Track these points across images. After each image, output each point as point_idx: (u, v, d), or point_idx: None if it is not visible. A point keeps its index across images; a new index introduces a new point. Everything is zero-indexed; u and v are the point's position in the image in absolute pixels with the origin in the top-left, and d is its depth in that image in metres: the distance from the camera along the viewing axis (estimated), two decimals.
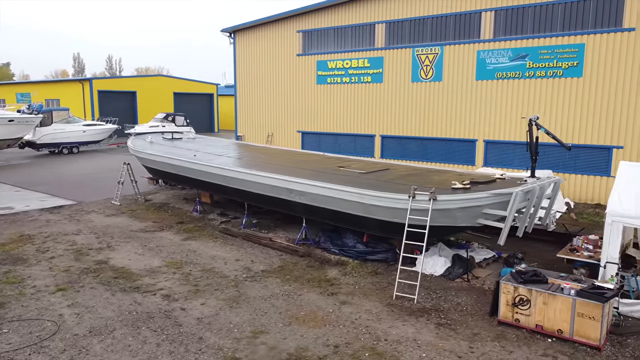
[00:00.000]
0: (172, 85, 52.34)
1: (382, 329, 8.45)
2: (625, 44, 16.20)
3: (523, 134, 18.41)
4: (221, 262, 11.93)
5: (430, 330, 8.44)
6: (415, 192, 10.30)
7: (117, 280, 10.65)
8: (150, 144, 19.36)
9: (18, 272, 11.14)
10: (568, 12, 17.23)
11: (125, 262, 11.87)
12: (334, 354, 7.62)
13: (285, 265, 11.73)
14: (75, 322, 8.64)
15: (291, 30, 24.87)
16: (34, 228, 14.93)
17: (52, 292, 9.96)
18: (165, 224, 15.52)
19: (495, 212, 10.06)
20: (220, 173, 14.57)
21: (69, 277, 10.85)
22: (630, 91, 16.28)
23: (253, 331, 8.34)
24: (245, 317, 8.89)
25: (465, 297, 9.87)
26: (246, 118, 27.62)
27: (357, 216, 11.61)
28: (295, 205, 13.02)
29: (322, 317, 8.88)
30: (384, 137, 22.22)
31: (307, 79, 24.58)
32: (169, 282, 10.60)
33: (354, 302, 9.62)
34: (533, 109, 18.15)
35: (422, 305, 9.48)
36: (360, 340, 8.05)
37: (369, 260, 11.96)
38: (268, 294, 9.94)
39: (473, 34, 19.33)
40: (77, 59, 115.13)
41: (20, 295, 9.79)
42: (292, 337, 8.14)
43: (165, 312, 9.05)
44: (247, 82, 27.23)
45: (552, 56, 17.58)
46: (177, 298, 9.72)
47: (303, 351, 7.70)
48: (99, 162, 30.12)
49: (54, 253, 12.53)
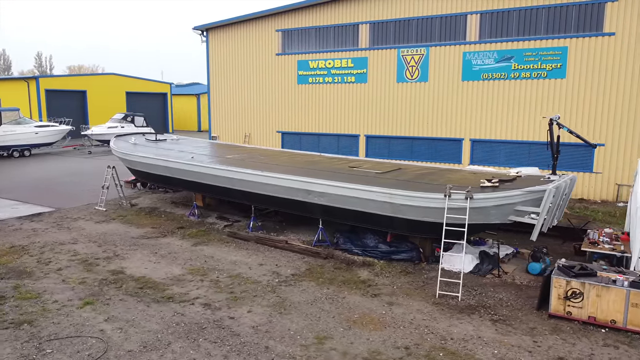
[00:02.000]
0: (124, 85, 50.20)
1: (442, 328, 8.49)
2: (605, 48, 17.20)
3: (509, 133, 19.19)
4: (245, 267, 11.56)
5: (488, 327, 8.58)
6: (451, 191, 10.43)
7: (145, 291, 10.06)
8: (135, 145, 18.45)
9: (29, 286, 10.28)
10: (552, 16, 18.07)
11: (143, 271, 11.25)
12: (407, 356, 7.57)
13: (313, 268, 11.54)
14: (122, 338, 8.08)
15: (269, 29, 24.51)
16: (22, 238, 13.84)
17: (80, 307, 9.27)
18: (165, 229, 14.85)
19: (528, 209, 10.37)
20: (227, 175, 14.12)
21: (89, 289, 10.13)
22: (610, 92, 17.30)
23: (317, 337, 8.14)
24: (301, 323, 8.66)
25: (504, 292, 10.11)
26: (221, 118, 26.94)
27: (384, 216, 11.61)
28: (312, 206, 12.84)
29: (378, 320, 8.81)
30: (369, 136, 22.37)
31: (287, 78, 24.31)
32: (201, 290, 10.15)
33: (401, 302, 9.61)
34: (518, 109, 18.90)
35: (467, 303, 9.61)
36: (427, 341, 8.05)
37: (394, 260, 11.99)
38: (311, 298, 9.74)
39: (459, 36, 19.85)
40: (3, 56, 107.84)
41: (45, 312, 9.04)
42: (358, 342, 8.01)
43: (214, 322, 8.65)
44: (221, 82, 26.56)
45: (537, 58, 18.38)
46: (218, 307, 9.32)
47: (377, 355, 7.60)
48: (56, 165, 28.34)
49: (59, 264, 11.67)
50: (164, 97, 54.96)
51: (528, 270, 11.16)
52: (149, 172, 16.76)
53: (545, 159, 18.79)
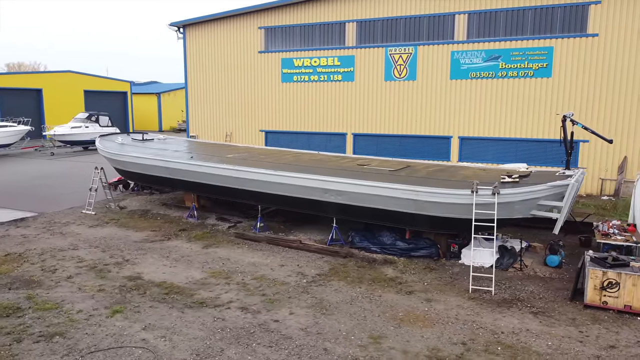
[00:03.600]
0: (82, 83, 48.09)
1: (489, 322, 8.58)
2: (590, 48, 17.96)
3: (497, 130, 19.70)
4: (267, 269, 11.28)
5: (531, 319, 8.74)
6: (478, 187, 10.57)
7: (172, 297, 9.62)
8: (124, 146, 17.66)
9: (43, 296, 9.62)
10: (538, 17, 18.68)
11: (162, 276, 10.76)
12: (467, 352, 7.59)
13: (336, 267, 11.40)
14: (169, 347, 7.68)
15: (252, 26, 24.09)
16: (14, 245, 12.95)
17: (109, 315, 8.74)
18: (167, 232, 14.28)
19: (551, 203, 10.65)
20: (235, 175, 13.74)
21: (111, 297, 9.59)
22: (594, 90, 18.08)
23: (370, 337, 8.03)
24: (348, 323, 8.52)
25: (532, 285, 10.34)
26: (200, 117, 26.23)
27: (405, 213, 11.62)
28: (328, 205, 12.69)
29: (423, 317, 8.79)
30: (357, 135, 22.40)
31: (270, 76, 23.97)
32: (231, 293, 9.81)
33: (438, 298, 9.64)
34: (506, 107, 19.43)
35: (501, 297, 9.76)
36: (479, 335, 8.10)
37: (413, 257, 12.04)
38: (348, 298, 9.61)
39: (447, 35, 20.19)
40: None
41: (73, 322, 8.47)
42: (414, 340, 7.96)
43: (260, 326, 8.38)
44: (200, 80, 25.87)
45: (524, 58, 18.96)
46: (257, 310, 9.03)
47: (437, 352, 7.57)
48: (21, 168, 26.74)
49: (67, 272, 10.99)
50: (124, 96, 53.07)
51: (546, 262, 11.47)
52: (143, 173, 16.05)
53: (531, 155, 19.43)
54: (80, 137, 34.89)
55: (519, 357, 7.42)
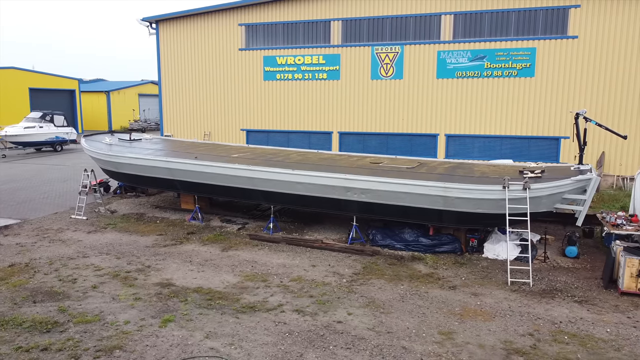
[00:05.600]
0: (26, 80, 45.10)
1: (543, 313, 8.86)
2: (570, 49, 18.93)
3: (482, 128, 20.37)
4: (300, 270, 11.08)
5: (578, 308, 9.11)
6: (509, 183, 10.89)
7: (218, 302, 9.25)
8: (113, 146, 16.73)
9: (77, 308, 8.96)
10: (522, 19, 19.47)
11: (195, 282, 10.31)
12: (538, 342, 7.81)
13: (368, 266, 11.37)
14: (243, 354, 7.38)
15: (231, 23, 23.51)
16: (13, 255, 11.98)
17: (162, 325, 8.28)
18: (175, 236, 13.70)
19: (574, 196, 11.15)
20: (249, 175, 13.37)
21: (153, 305, 9.09)
22: (575, 89, 19.08)
23: (441, 333, 8.08)
24: (412, 321, 8.52)
25: (562, 275, 10.78)
26: (175, 116, 25.31)
27: (432, 210, 11.78)
28: (349, 204, 12.63)
29: (480, 311, 8.95)
30: (343, 133, 22.43)
31: (252, 74, 23.52)
32: (278, 297, 9.56)
33: (482, 292, 9.85)
34: (491, 105, 20.12)
35: (540, 288, 10.11)
36: (541, 326, 8.35)
37: (437, 252, 12.23)
38: (396, 296, 9.61)
39: (433, 35, 20.62)
40: None
41: (126, 334, 7.95)
42: (483, 334, 8.09)
43: (326, 328, 8.22)
44: (175, 77, 24.96)
45: (508, 58, 19.70)
46: (313, 312, 8.85)
47: (510, 344, 7.74)
48: None
49: (89, 281, 10.30)
50: (72, 94, 50.31)
51: (565, 253, 12.00)
52: (141, 175, 15.27)
53: (515, 151, 20.23)
54: (34, 137, 32.72)
55: (587, 345, 7.71)
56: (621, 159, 18.95)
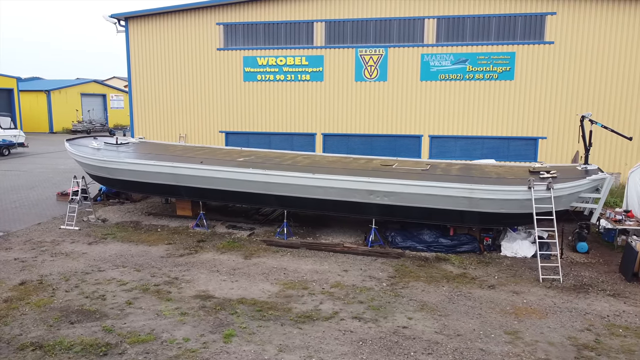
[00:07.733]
0: None
1: (587, 308, 9.29)
2: (547, 54, 19.95)
3: (464, 129, 21.05)
4: (334, 276, 10.96)
5: (615, 301, 9.63)
6: (534, 183, 11.33)
7: (271, 313, 8.97)
8: (104, 151, 15.76)
9: (122, 327, 8.39)
10: (502, 24, 20.28)
11: (232, 292, 9.94)
12: (599, 336, 8.18)
13: (399, 268, 11.44)
14: None
15: (208, 21, 22.81)
16: (18, 272, 11.02)
17: (226, 341, 7.92)
18: (186, 245, 13.13)
19: (590, 195, 11.78)
20: (265, 180, 13.05)
21: (205, 320, 8.67)
22: (551, 92, 20.13)
23: (506, 333, 8.27)
24: (472, 322, 8.67)
25: (584, 271, 11.35)
26: (147, 118, 24.21)
27: (455, 211, 12.03)
28: (371, 206, 12.64)
29: (529, 309, 9.24)
30: (326, 135, 22.39)
31: (231, 75, 22.95)
32: (328, 304, 9.41)
33: (521, 290, 10.18)
34: (473, 107, 20.82)
35: (570, 284, 10.59)
36: (592, 320, 8.76)
37: (458, 253, 12.51)
38: (444, 298, 9.73)
39: (417, 38, 21.03)
40: None
41: (193, 352, 7.53)
42: (546, 331, 8.36)
43: (395, 334, 8.18)
44: (147, 77, 23.88)
45: (489, 62, 20.47)
46: (372, 318, 8.79)
47: (575, 340, 8.06)
48: None
49: (120, 297, 9.67)
50: (10, 93, 46.83)
51: (577, 249, 12.64)
52: (139, 181, 14.47)
53: (495, 151, 21.05)
54: None
55: None
56: (621, 158, 20.10)
